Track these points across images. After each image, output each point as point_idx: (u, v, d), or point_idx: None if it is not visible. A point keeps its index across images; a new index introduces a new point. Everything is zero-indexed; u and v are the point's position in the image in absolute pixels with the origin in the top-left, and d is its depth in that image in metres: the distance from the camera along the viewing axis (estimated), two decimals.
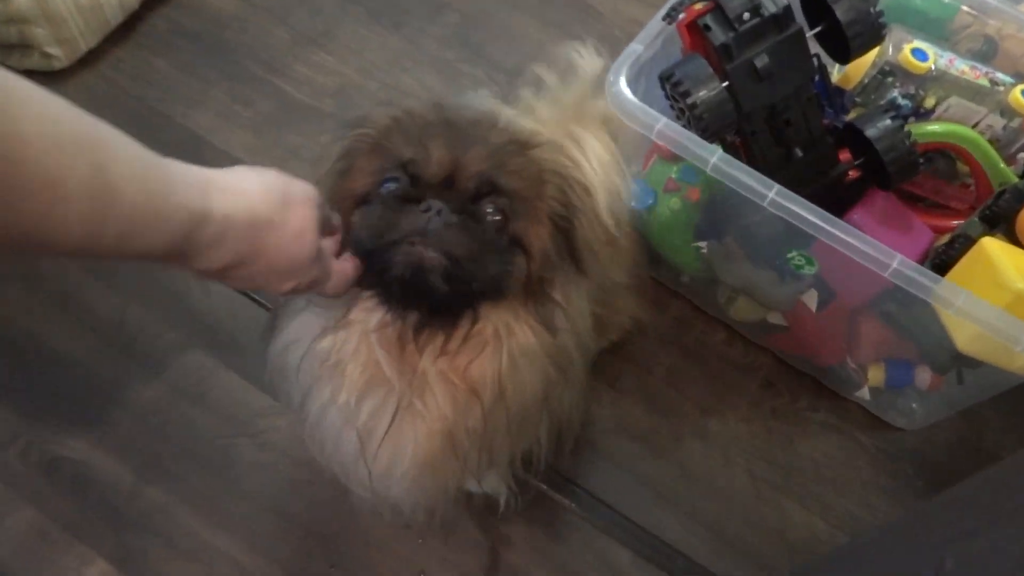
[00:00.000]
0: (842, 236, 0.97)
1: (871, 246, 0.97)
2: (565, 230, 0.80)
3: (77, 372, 1.20)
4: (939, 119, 1.22)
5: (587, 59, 1.01)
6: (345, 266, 0.75)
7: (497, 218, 0.76)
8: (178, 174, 0.59)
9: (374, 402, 0.81)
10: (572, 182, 0.83)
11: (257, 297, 1.26)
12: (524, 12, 1.61)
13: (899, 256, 0.96)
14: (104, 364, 1.21)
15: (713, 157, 1.00)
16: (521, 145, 0.80)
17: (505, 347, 0.79)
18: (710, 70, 1.01)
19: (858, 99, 1.25)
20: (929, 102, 1.23)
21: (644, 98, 1.05)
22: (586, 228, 0.83)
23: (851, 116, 1.23)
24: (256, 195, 0.64)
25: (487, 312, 0.78)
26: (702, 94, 1.01)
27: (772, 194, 0.99)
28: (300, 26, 1.56)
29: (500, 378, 0.80)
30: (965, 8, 1.24)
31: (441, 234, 0.72)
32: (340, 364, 0.80)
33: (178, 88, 1.47)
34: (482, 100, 1.47)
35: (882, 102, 1.23)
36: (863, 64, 1.20)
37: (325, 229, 0.72)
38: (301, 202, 0.68)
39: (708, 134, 1.03)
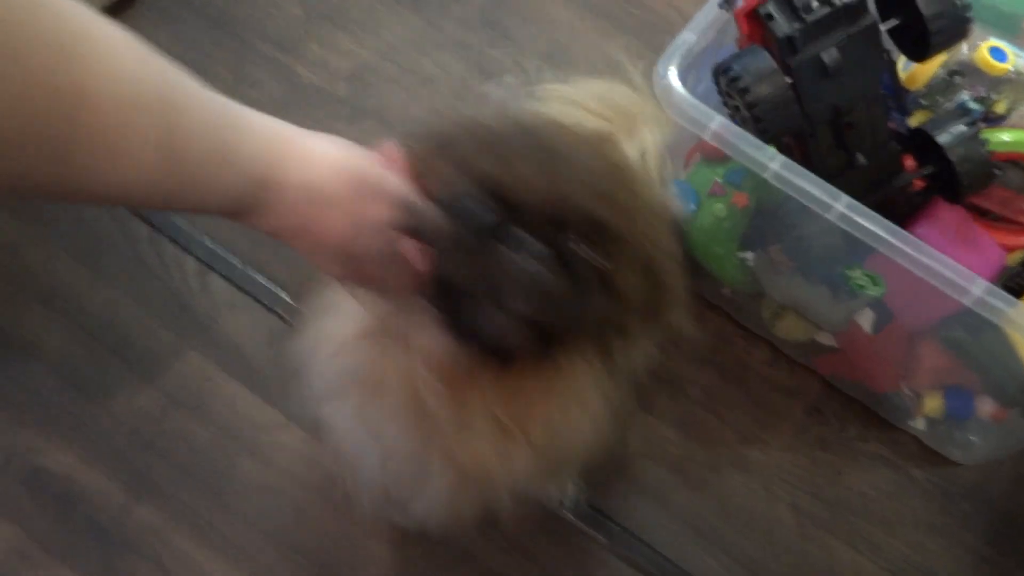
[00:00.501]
0: (919, 257, 0.87)
1: (950, 268, 0.86)
2: (655, 276, 0.70)
3: (63, 374, 1.10)
4: (1012, 126, 1.12)
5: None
6: (409, 273, 0.66)
7: (591, 255, 0.65)
8: (250, 131, 0.56)
9: (408, 431, 0.73)
10: (664, 219, 0.74)
11: (263, 300, 1.16)
12: None
13: (980, 280, 0.86)
14: (93, 366, 1.11)
15: (774, 163, 0.90)
16: (617, 172, 0.71)
17: (566, 393, 0.71)
18: (774, 64, 0.90)
19: (923, 101, 1.14)
20: (1000, 107, 1.12)
21: (693, 93, 0.94)
22: (675, 273, 0.73)
23: (914, 120, 1.12)
24: (326, 171, 0.59)
25: (558, 355, 0.69)
26: (763, 91, 0.90)
27: (840, 206, 0.88)
28: (314, 2, 1.45)
29: (554, 423, 0.71)
30: None
31: (533, 277, 0.62)
32: (376, 383, 0.72)
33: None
34: (507, 88, 1.39)
35: (950, 105, 1.12)
36: (933, 63, 1.09)
37: (406, 232, 0.64)
38: (379, 194, 0.61)
39: (767, 135, 0.93)
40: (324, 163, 0.60)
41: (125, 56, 0.47)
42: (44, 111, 0.42)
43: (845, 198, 0.88)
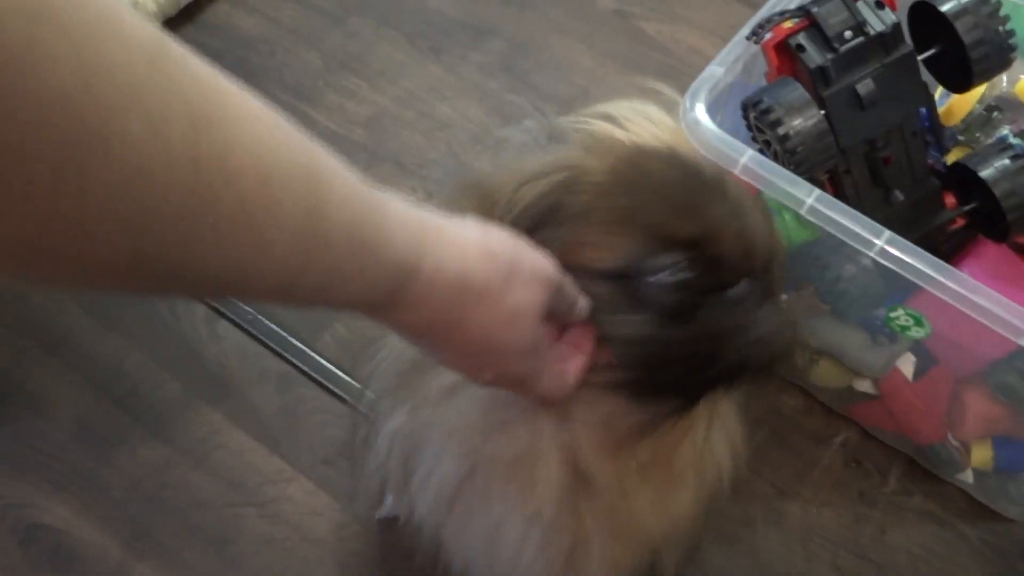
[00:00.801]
0: (969, 295, 0.81)
1: (1004, 307, 0.81)
2: None
3: (65, 426, 1.06)
4: None
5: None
6: (568, 366, 0.59)
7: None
8: (394, 218, 0.48)
9: (562, 508, 0.66)
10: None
11: (273, 346, 1.12)
12: (574, 39, 1.49)
13: None
14: (97, 418, 1.07)
15: (810, 198, 0.85)
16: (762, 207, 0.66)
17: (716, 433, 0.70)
18: (807, 96, 0.87)
19: (961, 137, 1.10)
20: None
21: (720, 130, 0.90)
22: None
23: (952, 157, 1.07)
24: (476, 255, 0.51)
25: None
26: (797, 123, 0.86)
27: (882, 243, 0.83)
28: (332, 50, 1.44)
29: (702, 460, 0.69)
30: None
31: (774, 328, 0.60)
32: (524, 466, 0.64)
33: None
34: (527, 133, 1.36)
35: (990, 141, 1.08)
36: (972, 97, 1.05)
37: (558, 317, 0.57)
38: (531, 279, 0.54)
39: (801, 170, 0.89)
40: (473, 246, 0.52)
41: (269, 120, 0.41)
42: (182, 187, 0.35)
43: (887, 233, 0.83)
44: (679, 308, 0.57)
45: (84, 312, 1.14)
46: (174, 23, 1.43)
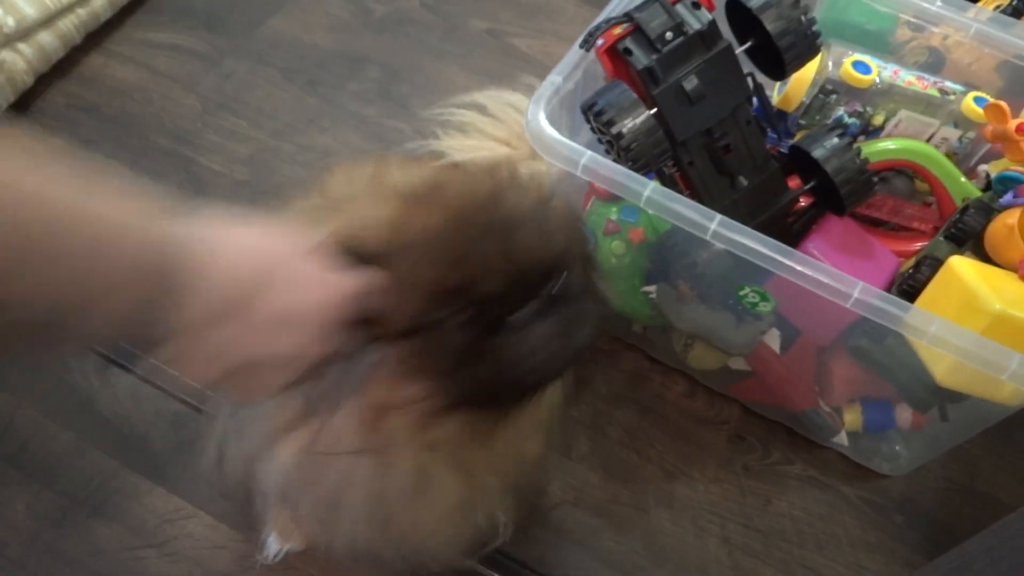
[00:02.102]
0: (794, 266, 0.87)
1: (828, 275, 0.86)
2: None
3: None
4: (890, 136, 1.14)
5: None
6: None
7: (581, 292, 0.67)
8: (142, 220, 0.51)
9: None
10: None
11: (166, 387, 1.13)
12: (448, 61, 1.53)
13: (860, 284, 0.86)
14: None
15: (646, 190, 0.90)
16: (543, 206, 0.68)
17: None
18: (634, 96, 0.92)
19: (802, 121, 1.16)
20: (878, 119, 1.15)
21: (571, 134, 0.95)
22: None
23: (797, 139, 1.14)
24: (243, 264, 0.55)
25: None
26: (628, 123, 0.91)
27: (714, 225, 0.88)
28: (209, 92, 1.46)
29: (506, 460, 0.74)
30: (905, 17, 1.17)
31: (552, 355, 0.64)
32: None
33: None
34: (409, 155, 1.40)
35: (828, 122, 1.15)
36: (803, 83, 1.12)
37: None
38: (297, 287, 0.56)
39: (639, 166, 0.94)
40: (236, 255, 0.54)
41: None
42: None
43: (718, 217, 0.88)
44: (470, 348, 0.62)
45: None
46: (48, 79, 1.44)
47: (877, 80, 1.09)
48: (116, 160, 1.37)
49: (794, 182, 1.08)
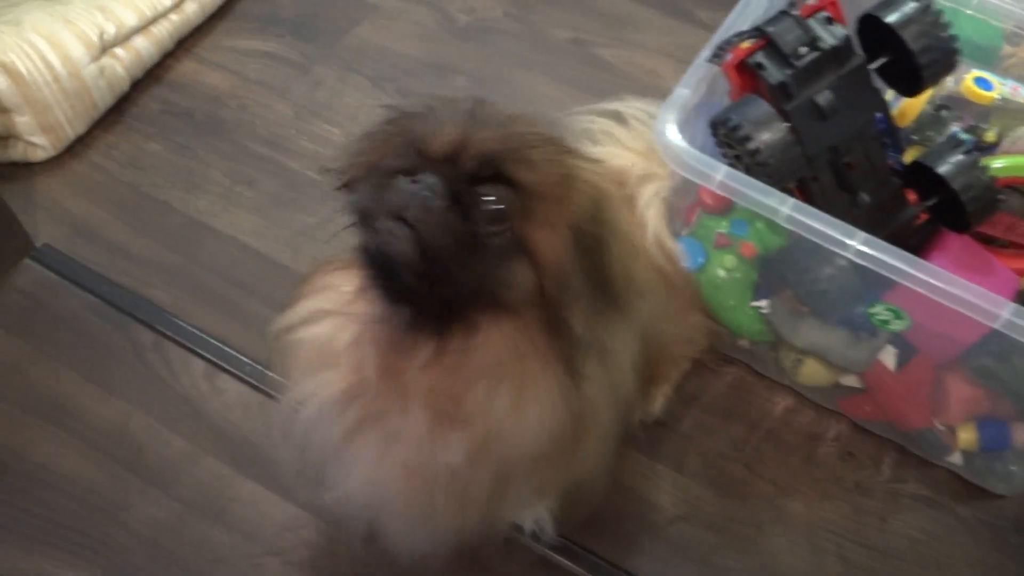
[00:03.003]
0: (944, 285, 0.86)
1: (977, 294, 0.85)
2: (592, 249, 0.69)
3: (75, 494, 1.06)
4: (1008, 153, 1.13)
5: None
6: None
7: (495, 207, 0.65)
8: None
9: (355, 409, 0.74)
10: (609, 197, 0.72)
11: (276, 395, 1.13)
12: (535, 70, 1.53)
13: (1010, 303, 0.85)
14: (106, 482, 1.07)
15: (785, 207, 0.90)
16: (552, 142, 0.70)
17: (510, 378, 0.69)
18: (772, 111, 0.92)
19: (915, 137, 1.15)
20: (990, 135, 1.14)
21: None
22: (624, 254, 0.71)
23: (908, 156, 1.13)
24: None
25: (489, 328, 0.68)
26: (765, 137, 0.91)
27: (857, 243, 0.88)
28: (301, 99, 1.47)
29: (497, 414, 0.69)
30: (1017, 29, 1.15)
31: (419, 209, 0.64)
32: (331, 355, 0.74)
33: (174, 172, 1.37)
34: None
35: (941, 139, 1.14)
36: (919, 99, 1.11)
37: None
38: None
39: (772, 181, 0.93)
40: None
41: None
42: None
43: (861, 234, 0.88)
44: (374, 181, 0.67)
45: (83, 379, 1.15)
46: (143, 85, 1.45)
47: (998, 97, 1.08)
48: (211, 167, 1.37)
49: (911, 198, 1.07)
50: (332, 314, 0.75)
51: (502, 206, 0.65)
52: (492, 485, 0.75)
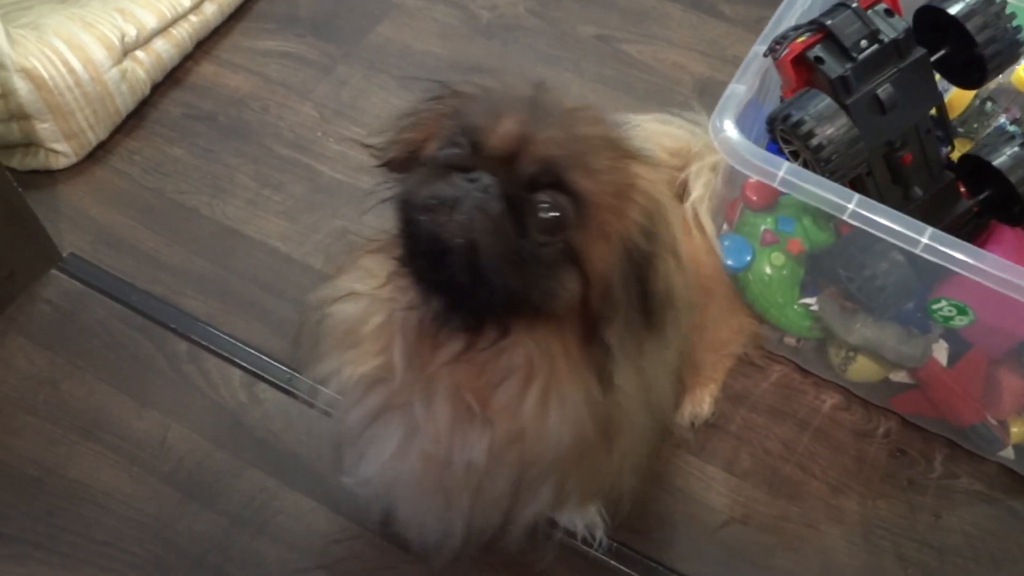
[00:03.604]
0: (1011, 278, 0.85)
1: None
2: (640, 264, 0.66)
3: (115, 510, 1.03)
4: None
5: None
6: None
7: (551, 215, 0.62)
8: None
9: (377, 394, 0.73)
10: (665, 211, 0.68)
11: (316, 403, 1.11)
12: (562, 67, 1.51)
13: None
14: (146, 497, 1.04)
15: (851, 203, 0.88)
16: (614, 147, 0.67)
17: (539, 381, 0.67)
18: (835, 106, 0.90)
19: (961, 129, 1.14)
20: None
21: None
22: (670, 271, 0.68)
23: (957, 148, 1.12)
24: None
25: (523, 330, 0.66)
26: (829, 132, 0.90)
27: (926, 239, 0.86)
28: (325, 100, 1.44)
29: (522, 416, 0.68)
30: None
31: (473, 212, 0.60)
32: (358, 336, 0.73)
33: (200, 177, 1.34)
34: None
35: (989, 130, 1.13)
36: (970, 91, 1.10)
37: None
38: None
39: (835, 177, 0.92)
40: None
41: None
42: None
43: (929, 229, 0.86)
44: (427, 178, 0.63)
45: (117, 391, 1.12)
46: (163, 88, 1.42)
47: None
48: (237, 171, 1.34)
49: None
50: (365, 296, 0.73)
51: (558, 215, 0.63)
52: (509, 484, 0.73)
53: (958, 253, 0.86)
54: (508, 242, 0.61)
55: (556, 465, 0.72)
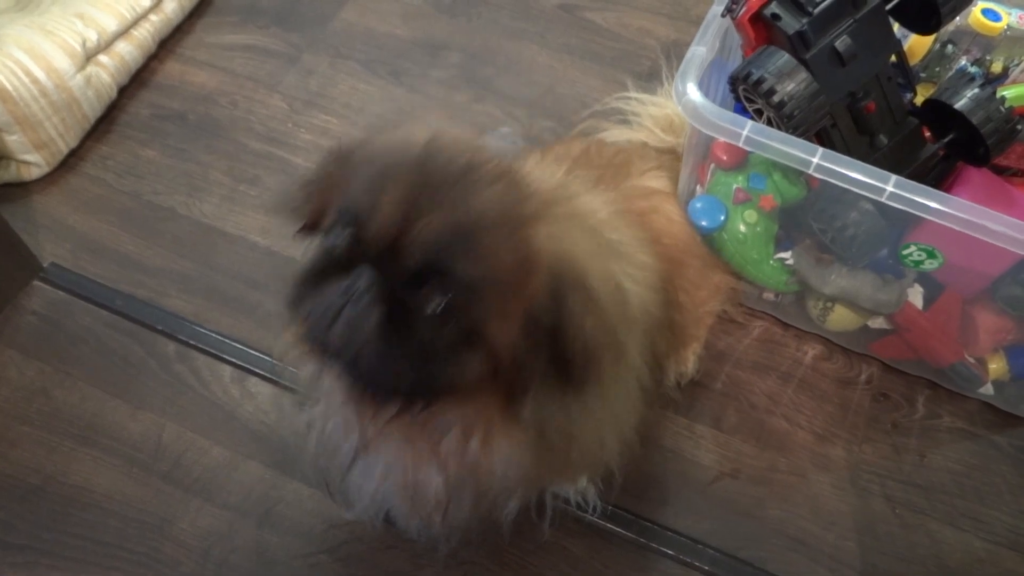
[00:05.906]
0: (977, 220, 0.86)
1: (1010, 225, 0.86)
2: (550, 332, 0.62)
3: (118, 511, 1.05)
4: (1014, 82, 1.13)
5: None
6: None
7: (440, 309, 0.59)
8: None
9: (354, 438, 0.76)
10: (572, 267, 0.63)
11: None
12: (527, 39, 1.51)
13: None
14: (147, 497, 1.06)
15: (815, 156, 0.89)
16: (512, 214, 0.61)
17: (478, 433, 0.69)
18: (794, 61, 0.91)
19: (923, 74, 1.15)
20: (996, 67, 1.15)
21: None
22: (585, 331, 0.63)
23: (920, 92, 1.13)
24: None
25: (448, 398, 0.66)
26: (790, 89, 0.91)
27: (891, 187, 0.88)
28: (293, 90, 1.44)
29: (469, 459, 0.70)
30: None
31: (348, 329, 0.59)
32: (320, 391, 0.76)
33: (175, 177, 1.34)
34: (504, 139, 1.38)
35: (950, 74, 1.14)
36: (930, 36, 1.11)
37: None
38: None
39: (799, 132, 0.93)
40: None
41: None
42: None
43: (894, 177, 0.88)
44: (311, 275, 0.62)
45: (109, 396, 1.13)
46: (130, 90, 1.42)
47: (1006, 28, 1.08)
48: (211, 168, 1.35)
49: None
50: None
51: (449, 303, 0.59)
52: (475, 503, 0.76)
53: (922, 198, 0.87)
54: (391, 349, 0.60)
55: (517, 483, 0.75)
